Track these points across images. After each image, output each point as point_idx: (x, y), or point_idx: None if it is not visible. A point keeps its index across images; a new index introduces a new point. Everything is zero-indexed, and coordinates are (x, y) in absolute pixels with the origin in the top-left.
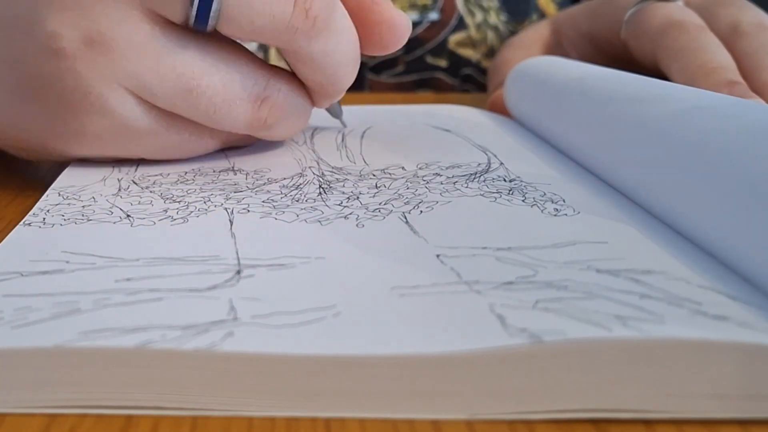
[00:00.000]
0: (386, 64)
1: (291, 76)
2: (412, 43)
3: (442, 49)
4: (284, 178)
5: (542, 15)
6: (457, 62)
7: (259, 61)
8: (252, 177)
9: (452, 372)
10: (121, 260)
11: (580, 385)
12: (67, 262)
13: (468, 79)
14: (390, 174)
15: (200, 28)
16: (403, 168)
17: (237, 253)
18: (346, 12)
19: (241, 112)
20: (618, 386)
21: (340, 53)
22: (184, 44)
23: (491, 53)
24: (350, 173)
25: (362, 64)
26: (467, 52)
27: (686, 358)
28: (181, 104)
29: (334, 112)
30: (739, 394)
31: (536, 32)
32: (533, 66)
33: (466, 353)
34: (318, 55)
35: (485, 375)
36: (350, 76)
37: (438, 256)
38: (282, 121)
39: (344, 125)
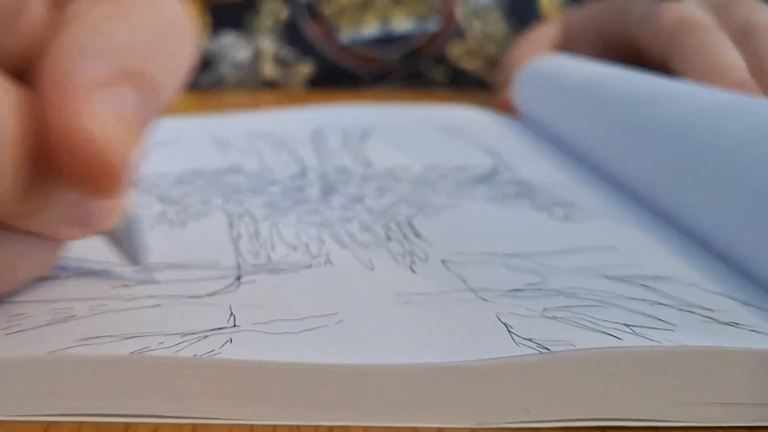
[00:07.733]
0: (381, 75)
1: None
2: (410, 54)
3: (440, 61)
4: (286, 179)
5: None
6: (455, 73)
7: None
8: (253, 178)
9: (458, 382)
10: (118, 266)
11: (590, 394)
12: (63, 267)
13: (466, 91)
14: (395, 175)
15: None
16: (408, 169)
17: (237, 258)
18: None
19: None
20: (628, 395)
21: None
22: None
23: (491, 64)
24: (354, 174)
25: (359, 78)
26: (466, 64)
27: (697, 367)
28: None
29: (120, 248)
30: (751, 401)
31: (546, 30)
32: (543, 64)
33: (473, 364)
34: None
35: (492, 384)
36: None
37: (443, 261)
38: None
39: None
